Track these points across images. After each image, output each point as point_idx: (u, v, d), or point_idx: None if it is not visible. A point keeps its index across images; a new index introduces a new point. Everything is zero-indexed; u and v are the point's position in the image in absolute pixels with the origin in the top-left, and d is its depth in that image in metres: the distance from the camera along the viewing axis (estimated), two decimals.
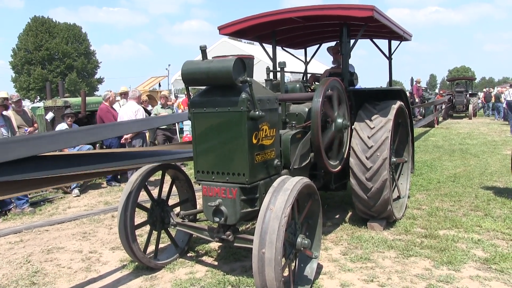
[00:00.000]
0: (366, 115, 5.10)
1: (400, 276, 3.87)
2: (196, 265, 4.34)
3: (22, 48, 49.44)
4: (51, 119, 9.37)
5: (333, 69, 6.30)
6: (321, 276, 3.92)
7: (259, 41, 6.11)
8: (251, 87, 3.40)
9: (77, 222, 6.10)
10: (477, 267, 4.02)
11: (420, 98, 20.15)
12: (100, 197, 7.72)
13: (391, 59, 6.77)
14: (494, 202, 6.15)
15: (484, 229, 5.02)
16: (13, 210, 6.69)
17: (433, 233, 4.88)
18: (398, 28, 5.81)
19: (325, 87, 4.36)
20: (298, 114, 4.78)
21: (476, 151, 11.09)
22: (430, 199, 6.43)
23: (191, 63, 3.58)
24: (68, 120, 8.24)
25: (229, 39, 17.49)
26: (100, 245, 5.08)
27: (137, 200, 4.11)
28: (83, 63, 51.31)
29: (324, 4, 5.03)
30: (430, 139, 14.20)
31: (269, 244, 2.96)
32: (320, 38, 7.01)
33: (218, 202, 3.52)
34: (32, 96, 47.08)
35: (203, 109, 3.59)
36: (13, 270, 4.40)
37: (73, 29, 52.41)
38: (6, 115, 7.50)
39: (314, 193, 3.62)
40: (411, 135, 6.12)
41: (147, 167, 4.22)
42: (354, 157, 4.91)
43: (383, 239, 4.76)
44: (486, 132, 16.11)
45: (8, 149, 3.13)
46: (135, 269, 4.30)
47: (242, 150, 3.43)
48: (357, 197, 5.01)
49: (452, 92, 25.39)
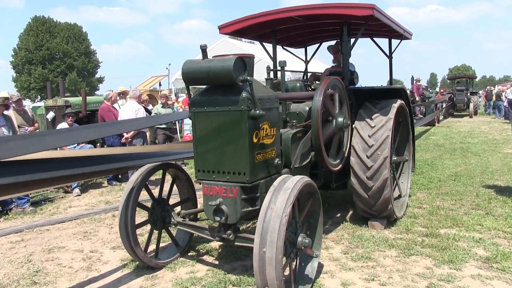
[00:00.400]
0: (366, 114, 5.09)
1: (401, 275, 3.86)
2: (197, 264, 4.34)
3: (23, 48, 49.49)
4: (52, 118, 9.38)
5: (334, 68, 6.29)
6: (322, 275, 3.92)
7: (259, 40, 6.10)
8: (252, 86, 3.39)
9: (78, 221, 6.11)
10: (479, 266, 4.01)
11: (420, 96, 20.13)
12: (101, 197, 7.72)
13: (392, 58, 6.77)
14: (495, 201, 6.14)
15: (485, 228, 5.02)
16: (14, 210, 6.69)
17: (434, 232, 4.87)
18: (398, 27, 5.80)
19: (326, 86, 4.35)
20: (299, 113, 4.78)
21: (477, 150, 11.08)
22: (431, 198, 6.43)
23: (192, 62, 3.58)
24: (69, 120, 8.25)
25: (230, 39, 17.49)
26: (101, 245, 5.08)
27: (138, 199, 4.11)
28: (83, 63, 51.32)
29: (324, 3, 5.03)
30: (430, 138, 14.18)
31: (270, 243, 2.96)
32: (320, 37, 7.00)
33: (219, 201, 3.52)
34: (33, 95, 47.09)
35: (204, 108, 3.59)
36: (14, 270, 4.41)
37: (74, 29, 52.44)
38: (7, 114, 7.50)
39: (314, 192, 3.62)
40: (412, 134, 6.12)
41: (147, 166, 4.22)
42: (355, 156, 4.91)
43: (384, 238, 4.76)
44: (487, 131, 16.09)
45: (9, 148, 3.14)
46: (136, 268, 4.30)
47: (243, 149, 3.43)
48: (358, 196, 5.00)
49: (452, 90, 25.35)
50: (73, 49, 50.61)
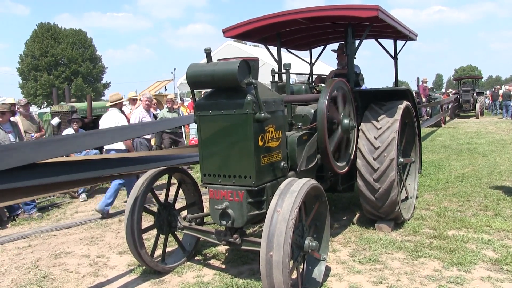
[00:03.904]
0: (372, 116, 5.07)
1: (410, 278, 3.83)
2: (204, 268, 4.32)
3: (29, 55, 49.89)
4: (57, 124, 9.42)
5: (338, 70, 6.27)
6: (329, 279, 3.89)
7: (264, 43, 6.10)
8: (257, 89, 3.39)
9: (84, 226, 6.12)
10: (488, 268, 3.96)
11: (426, 97, 20.05)
12: None
13: (397, 59, 6.74)
14: (504, 202, 6.08)
15: (494, 229, 4.96)
16: (21, 215, 6.73)
17: (442, 234, 4.83)
18: (403, 28, 5.77)
19: (331, 88, 4.33)
20: (304, 115, 4.76)
21: (485, 150, 10.99)
22: (438, 200, 6.38)
23: (196, 66, 3.58)
24: (74, 125, 8.28)
25: (234, 42, 17.55)
26: (107, 250, 5.08)
27: (144, 204, 4.10)
28: (88, 68, 51.61)
29: (328, 5, 5.02)
30: (437, 139, 14.10)
31: (276, 246, 2.94)
32: (325, 39, 6.99)
33: (225, 205, 3.51)
34: (39, 101, 47.45)
35: (209, 112, 3.58)
36: (22, 275, 4.42)
37: (79, 35, 52.75)
38: (14, 121, 7.55)
39: (321, 194, 3.59)
40: (418, 135, 6.08)
41: (153, 171, 4.22)
42: (361, 158, 4.88)
43: (391, 241, 4.72)
44: (494, 131, 15.97)
45: (15, 155, 3.15)
46: (143, 273, 4.29)
47: (248, 153, 3.42)
48: (365, 198, 4.97)
49: (458, 91, 25.22)
50: (78, 55, 50.93)
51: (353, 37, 5.26)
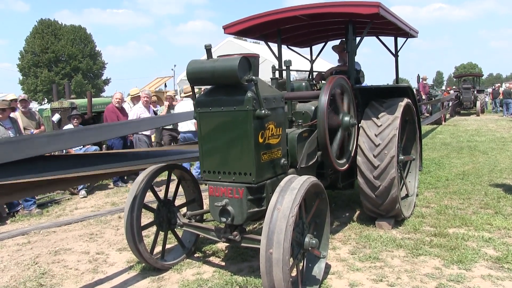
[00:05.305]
0: (373, 113, 5.05)
1: (410, 276, 3.82)
2: (203, 265, 4.32)
3: (29, 51, 49.89)
4: (58, 120, 9.41)
5: (338, 67, 6.25)
6: (329, 276, 3.89)
7: (264, 40, 6.07)
8: (257, 86, 3.37)
9: (84, 223, 6.11)
10: (489, 266, 3.95)
11: (426, 95, 20.02)
12: (107, 198, 7.73)
13: (398, 56, 6.71)
14: (505, 200, 6.07)
15: (494, 227, 4.95)
16: (20, 212, 6.72)
17: (443, 232, 4.82)
18: (404, 25, 5.75)
19: (331, 85, 4.31)
20: (305, 112, 4.74)
21: (485, 148, 10.97)
22: (438, 197, 6.37)
23: (196, 63, 3.56)
24: (74, 121, 8.27)
25: (234, 39, 17.50)
26: (107, 246, 5.08)
27: (144, 200, 4.09)
28: (88, 65, 51.56)
29: (329, 2, 5.00)
30: (437, 137, 14.08)
31: (276, 244, 2.93)
32: (325, 36, 6.97)
33: (225, 202, 3.49)
34: (40, 98, 47.44)
35: (209, 108, 3.56)
36: (21, 272, 4.41)
37: (79, 31, 52.71)
38: (13, 117, 7.53)
39: (321, 192, 3.58)
40: (419, 133, 6.06)
41: (153, 167, 4.20)
42: (362, 155, 4.87)
43: (391, 238, 4.71)
44: (494, 129, 15.95)
45: (14, 149, 3.13)
46: (142, 270, 4.29)
47: (248, 150, 3.41)
48: (365, 196, 4.96)
49: (459, 89, 25.18)
50: (78, 51, 50.89)
51: (354, 34, 5.23)
